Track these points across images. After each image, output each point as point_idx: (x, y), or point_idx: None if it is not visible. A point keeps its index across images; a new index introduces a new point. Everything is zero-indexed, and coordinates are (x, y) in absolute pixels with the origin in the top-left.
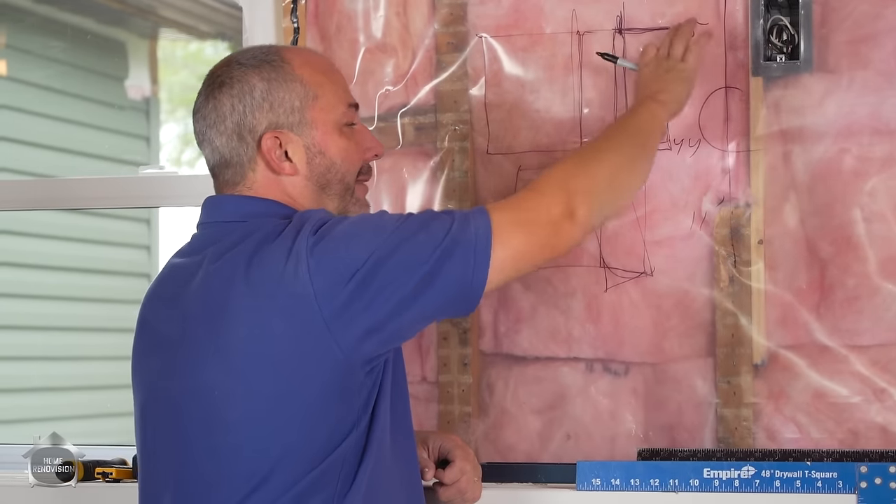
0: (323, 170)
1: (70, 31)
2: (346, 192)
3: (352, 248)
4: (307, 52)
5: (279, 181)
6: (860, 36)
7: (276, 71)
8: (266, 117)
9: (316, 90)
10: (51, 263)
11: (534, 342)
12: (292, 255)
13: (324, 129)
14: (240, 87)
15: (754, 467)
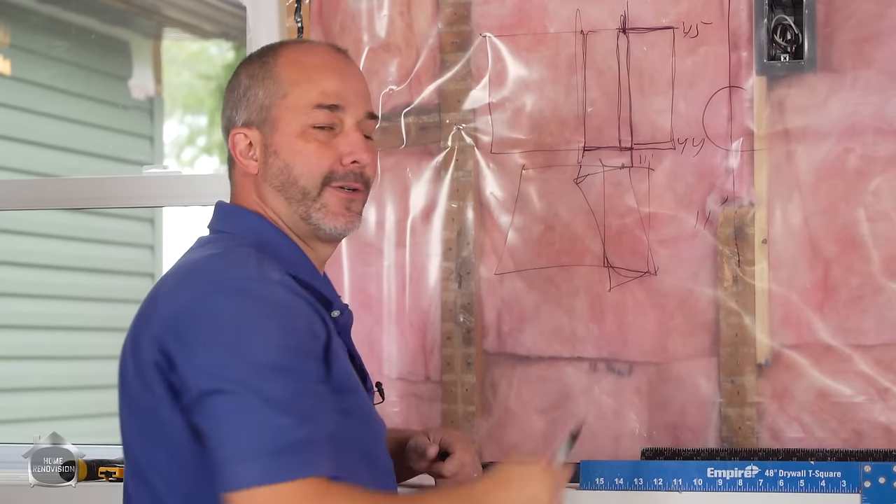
0: (276, 171)
1: (74, 30)
2: (304, 198)
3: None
4: (303, 48)
5: (251, 181)
6: (864, 35)
7: (260, 67)
8: (243, 114)
9: (287, 88)
10: (54, 263)
11: (537, 342)
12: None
13: (284, 128)
14: (233, 82)
15: (758, 467)
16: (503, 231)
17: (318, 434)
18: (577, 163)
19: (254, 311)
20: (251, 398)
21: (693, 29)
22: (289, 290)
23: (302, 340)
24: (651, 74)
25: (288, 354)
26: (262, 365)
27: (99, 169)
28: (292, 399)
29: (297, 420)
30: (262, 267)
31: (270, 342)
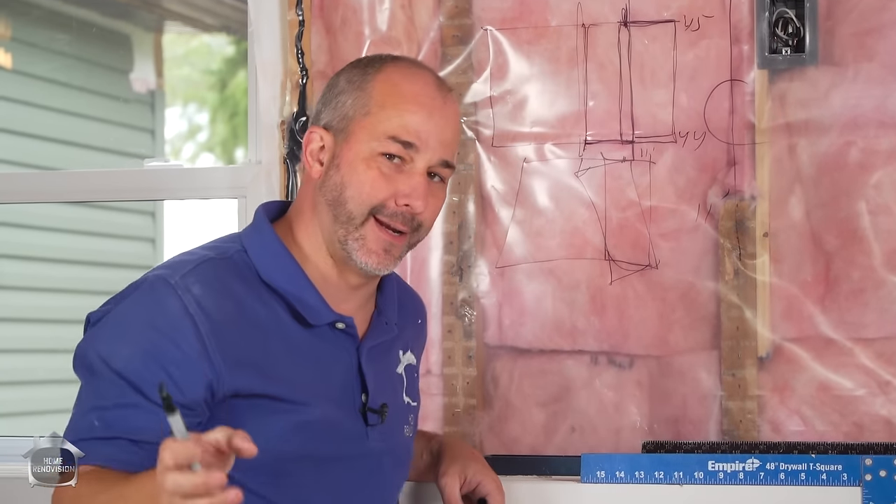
0: (332, 185)
1: (75, 23)
2: (348, 222)
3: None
4: (409, 74)
5: (311, 184)
6: (866, 28)
7: (360, 75)
8: (328, 115)
9: (373, 107)
10: (56, 256)
11: (538, 335)
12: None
13: (354, 146)
14: (332, 81)
15: (759, 460)
16: (504, 224)
17: (114, 440)
18: (579, 156)
19: (141, 316)
20: (89, 394)
21: (694, 22)
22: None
23: (167, 360)
24: (652, 68)
25: (142, 368)
26: (115, 370)
27: (100, 162)
28: (114, 408)
29: (103, 425)
30: (192, 276)
31: (136, 350)
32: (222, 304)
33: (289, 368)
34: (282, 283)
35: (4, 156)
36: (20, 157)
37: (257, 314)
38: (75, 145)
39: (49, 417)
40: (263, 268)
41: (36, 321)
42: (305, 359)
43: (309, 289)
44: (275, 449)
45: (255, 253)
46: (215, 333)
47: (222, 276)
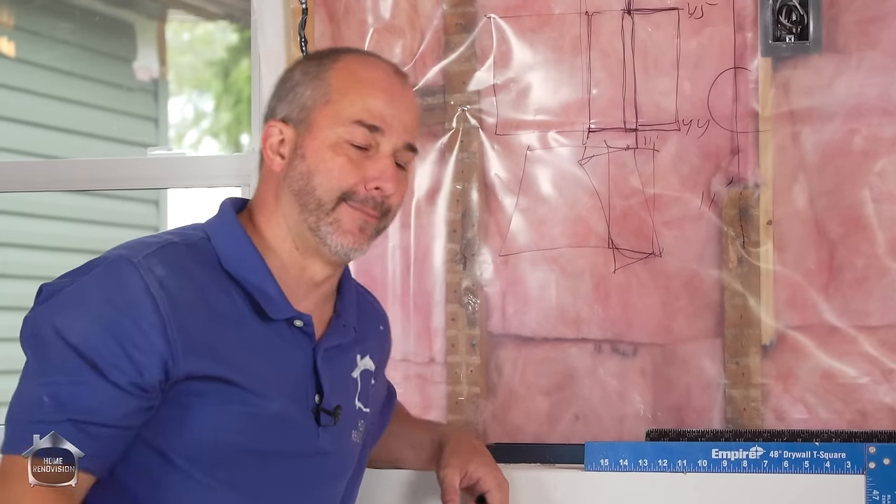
0: (297, 175)
1: (78, 12)
2: (319, 209)
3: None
4: (365, 62)
5: (272, 178)
6: (869, 16)
7: (316, 66)
8: (284, 108)
9: (333, 95)
10: (59, 245)
11: (542, 323)
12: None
13: (318, 134)
14: (286, 75)
15: (763, 448)
16: (508, 212)
17: (65, 422)
18: (582, 144)
19: (101, 291)
20: (39, 368)
21: (698, 10)
22: (158, 287)
23: (125, 336)
24: (656, 55)
25: (100, 344)
26: (71, 345)
27: (103, 151)
28: (66, 385)
29: (52, 402)
30: (155, 257)
31: (93, 326)
32: (183, 287)
33: (246, 359)
34: (243, 273)
35: (7, 144)
36: (23, 145)
37: (218, 302)
38: (79, 134)
39: None
40: (226, 256)
41: None
42: (262, 352)
43: (270, 280)
44: (225, 439)
45: (218, 241)
46: (175, 314)
47: (185, 261)
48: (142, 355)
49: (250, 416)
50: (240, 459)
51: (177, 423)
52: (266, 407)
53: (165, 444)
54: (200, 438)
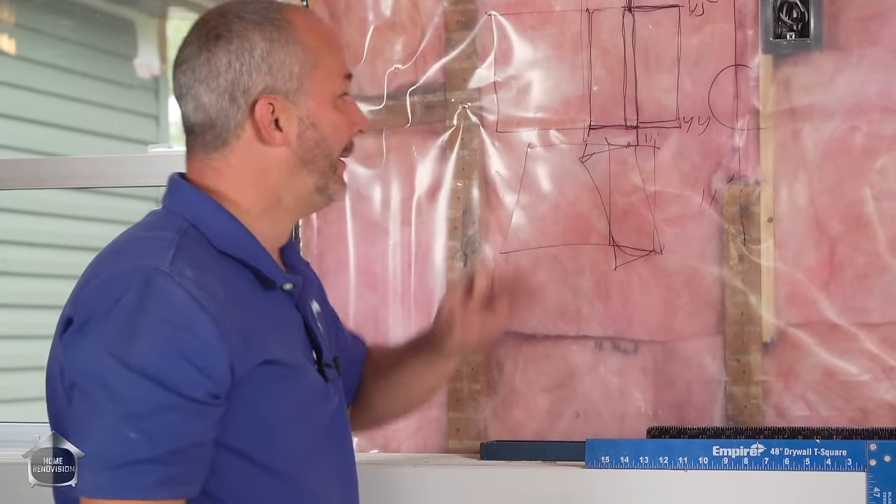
0: (312, 144)
1: (79, 9)
2: (329, 169)
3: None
4: (310, 16)
5: (260, 152)
6: (870, 13)
7: (278, 31)
8: (263, 80)
9: (316, 57)
10: (59, 242)
11: (543, 320)
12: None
13: (320, 100)
14: (239, 42)
15: (763, 445)
16: (508, 210)
17: (167, 454)
18: (583, 141)
19: (148, 310)
20: (109, 403)
21: (699, 7)
22: (199, 291)
23: (188, 349)
24: (657, 53)
25: (165, 364)
26: (135, 369)
27: (104, 148)
28: (150, 413)
29: (145, 438)
30: (179, 260)
31: (153, 347)
32: (212, 282)
33: (274, 334)
34: (238, 250)
35: (8, 142)
36: (24, 143)
37: (235, 286)
38: (79, 131)
39: None
40: (217, 238)
41: (40, 307)
42: (278, 323)
43: (261, 250)
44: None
45: (205, 224)
46: (221, 313)
47: (198, 255)
48: (209, 363)
49: (300, 392)
50: (302, 439)
51: (247, 416)
52: (305, 378)
53: (239, 441)
54: (270, 426)
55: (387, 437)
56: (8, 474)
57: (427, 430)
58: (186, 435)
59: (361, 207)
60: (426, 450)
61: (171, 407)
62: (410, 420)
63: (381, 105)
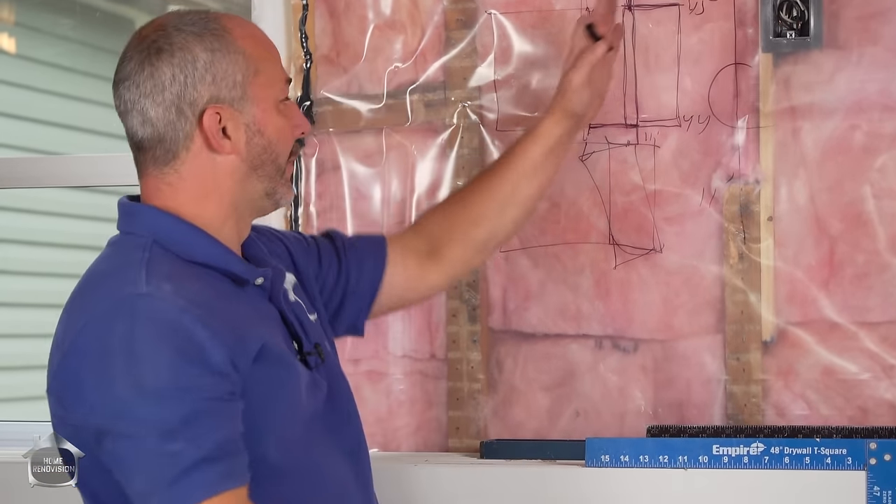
0: (259, 150)
1: (79, 8)
2: (276, 174)
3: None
4: (247, 24)
5: (211, 162)
6: (870, 12)
7: (218, 41)
8: (208, 90)
9: (257, 64)
10: (60, 241)
11: (543, 319)
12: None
13: (264, 105)
14: (181, 55)
15: (763, 444)
16: None
17: (214, 451)
18: (583, 140)
19: (142, 335)
20: (143, 430)
21: (699, 5)
22: (182, 301)
23: (193, 356)
24: (657, 51)
25: (178, 375)
26: (152, 391)
27: (105, 147)
28: (183, 423)
29: (188, 444)
30: (153, 277)
31: (160, 365)
32: (194, 288)
33: (259, 330)
34: (205, 256)
35: (8, 141)
36: (24, 141)
37: (212, 289)
38: (79, 130)
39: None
40: (183, 248)
41: (41, 306)
42: (259, 319)
43: (229, 253)
44: (292, 414)
45: (168, 238)
46: (210, 315)
47: (171, 267)
48: (213, 362)
49: (294, 383)
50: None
51: (252, 418)
52: (294, 369)
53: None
54: (270, 421)
55: (386, 436)
56: (8, 474)
57: (427, 429)
58: (222, 431)
59: (362, 206)
60: (426, 449)
61: (197, 412)
62: (410, 419)
63: (381, 104)
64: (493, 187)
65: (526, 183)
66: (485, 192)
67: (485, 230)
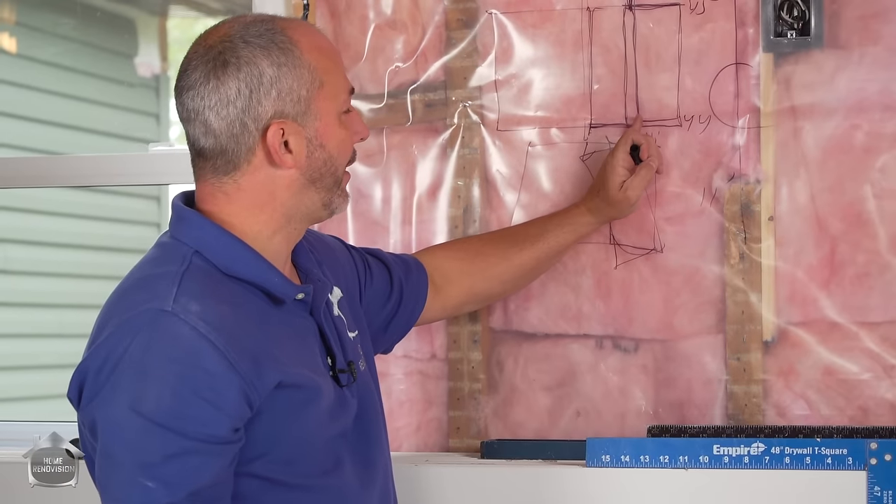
0: (320, 164)
1: (80, 7)
2: (334, 185)
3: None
4: (314, 34)
5: (271, 175)
6: (871, 11)
7: (285, 55)
8: (273, 106)
9: (322, 77)
10: (61, 241)
11: (543, 319)
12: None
13: (326, 119)
14: (248, 70)
15: (764, 444)
16: (509, 208)
17: (184, 499)
18: (584, 140)
19: (156, 353)
20: (126, 455)
21: (700, 5)
22: (205, 325)
23: (201, 386)
24: (657, 51)
25: (178, 405)
26: (148, 416)
27: (105, 147)
28: (164, 461)
29: (160, 485)
30: (182, 296)
31: (164, 390)
32: (221, 312)
33: (288, 354)
34: (246, 272)
35: (9, 140)
36: (25, 141)
37: (245, 309)
38: (80, 130)
39: (54, 402)
40: (225, 263)
41: (42, 306)
42: (292, 339)
43: (270, 269)
44: (309, 440)
45: (211, 251)
46: (231, 345)
47: (204, 286)
48: (221, 397)
49: (318, 410)
50: (322, 453)
51: (266, 444)
52: (321, 394)
53: (262, 469)
54: (291, 450)
55: None
56: (8, 474)
57: (427, 429)
58: (205, 476)
59: (362, 206)
60: (427, 449)
61: (185, 451)
62: (411, 419)
63: (381, 103)
64: (513, 256)
65: (546, 261)
66: (509, 258)
67: (494, 290)
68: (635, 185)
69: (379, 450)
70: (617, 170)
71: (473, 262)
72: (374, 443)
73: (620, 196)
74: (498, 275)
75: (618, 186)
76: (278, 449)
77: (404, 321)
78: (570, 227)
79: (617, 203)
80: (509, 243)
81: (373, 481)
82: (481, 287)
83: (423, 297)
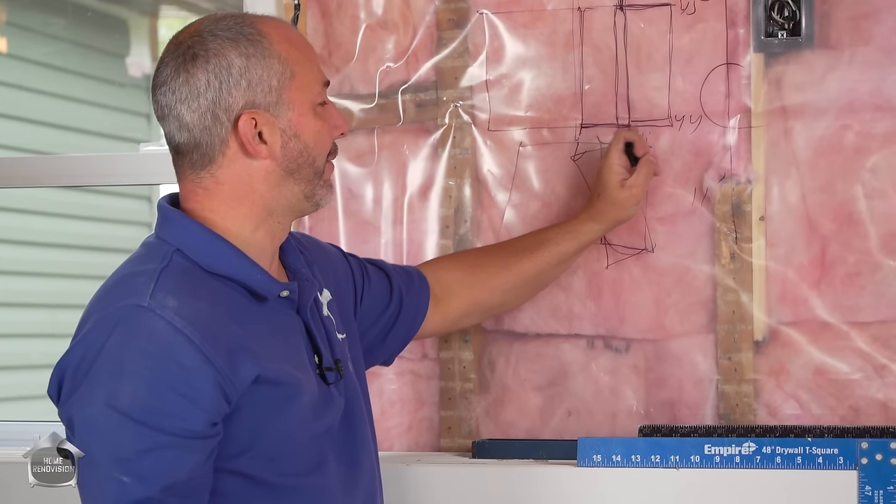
0: (295, 154)
1: (70, 7)
2: (315, 177)
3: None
4: (284, 27)
5: (247, 167)
6: (861, 12)
7: (254, 46)
8: (243, 96)
9: (293, 68)
10: (51, 241)
11: (535, 319)
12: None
13: (300, 109)
14: (216, 61)
15: (755, 443)
16: (500, 208)
17: (158, 493)
18: (575, 140)
19: (132, 348)
20: (101, 450)
21: (690, 5)
22: (181, 320)
23: (176, 381)
24: (648, 51)
25: (154, 399)
26: (123, 411)
27: (96, 146)
28: (138, 456)
29: (134, 479)
30: (159, 292)
31: (139, 384)
32: (198, 308)
33: (269, 350)
34: (228, 269)
35: (0, 141)
36: (15, 141)
37: (225, 306)
38: (71, 130)
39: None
40: (206, 260)
41: (31, 306)
42: (274, 336)
43: (252, 265)
44: (290, 436)
45: (192, 249)
46: (207, 340)
47: (183, 281)
48: (196, 391)
49: (300, 407)
50: (305, 451)
51: (246, 441)
52: (302, 392)
53: (243, 465)
54: (272, 448)
55: (378, 435)
56: (8, 474)
57: (419, 429)
58: (180, 470)
59: (353, 206)
60: (418, 448)
61: (161, 446)
62: (402, 419)
63: (372, 103)
64: (513, 265)
65: (548, 271)
66: (508, 267)
67: (495, 300)
68: (639, 181)
69: (365, 452)
70: (614, 168)
71: (474, 272)
72: (360, 444)
73: (624, 194)
74: (499, 285)
75: (618, 185)
76: (260, 445)
77: (404, 331)
78: (570, 235)
79: (620, 202)
80: (509, 253)
81: (357, 483)
82: (482, 298)
83: (423, 308)
